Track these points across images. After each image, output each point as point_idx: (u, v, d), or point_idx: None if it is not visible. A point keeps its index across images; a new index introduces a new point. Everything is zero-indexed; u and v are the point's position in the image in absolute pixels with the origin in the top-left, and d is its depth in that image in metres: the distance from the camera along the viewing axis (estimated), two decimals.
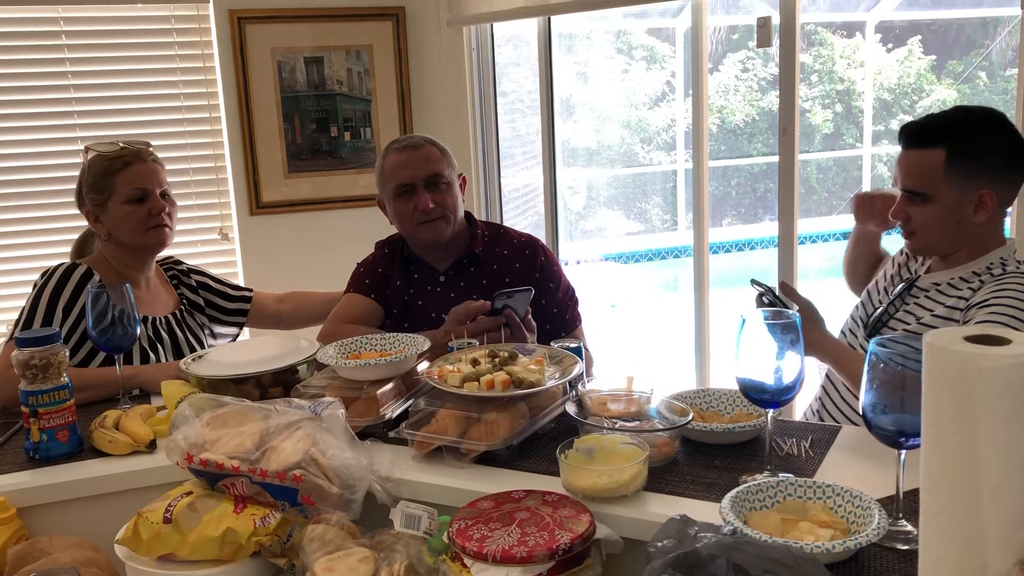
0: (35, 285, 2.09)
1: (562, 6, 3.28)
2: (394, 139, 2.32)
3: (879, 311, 1.88)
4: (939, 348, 0.93)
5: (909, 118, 1.85)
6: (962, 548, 0.94)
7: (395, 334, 1.88)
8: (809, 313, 1.77)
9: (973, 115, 1.79)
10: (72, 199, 2.23)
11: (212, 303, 2.36)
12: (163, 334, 2.18)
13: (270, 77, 3.50)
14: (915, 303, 1.83)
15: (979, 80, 10.02)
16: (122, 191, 2.13)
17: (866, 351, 1.17)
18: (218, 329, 2.37)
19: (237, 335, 2.44)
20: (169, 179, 2.24)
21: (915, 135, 1.78)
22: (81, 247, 2.32)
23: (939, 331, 0.96)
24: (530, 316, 2.02)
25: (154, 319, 2.19)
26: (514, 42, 4.23)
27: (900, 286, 1.88)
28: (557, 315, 2.28)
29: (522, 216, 4.32)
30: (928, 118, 1.80)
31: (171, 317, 2.24)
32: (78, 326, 2.04)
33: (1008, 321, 1.61)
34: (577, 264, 8.64)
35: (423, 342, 1.80)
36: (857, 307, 1.99)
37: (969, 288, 1.75)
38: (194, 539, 1.35)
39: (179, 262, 2.39)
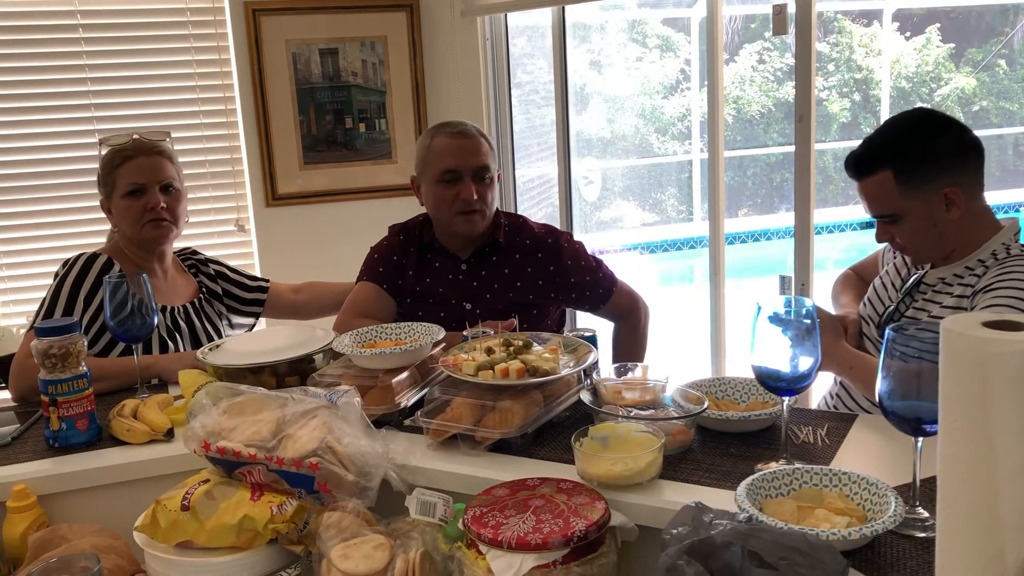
0: (56, 275, 2.11)
1: None
2: (442, 121, 2.26)
3: (890, 308, 1.87)
4: (956, 333, 0.92)
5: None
6: (979, 534, 0.93)
7: (410, 323, 1.88)
8: (830, 325, 1.77)
9: (904, 125, 1.80)
10: (87, 191, 2.26)
11: (229, 292, 2.37)
12: (181, 323, 2.20)
13: (285, 69, 3.51)
14: (924, 299, 1.83)
15: (999, 68, 9.92)
16: (121, 185, 2.14)
17: (877, 347, 1.17)
18: (235, 319, 2.39)
19: (253, 325, 2.45)
20: (186, 171, 2.24)
21: (858, 166, 1.79)
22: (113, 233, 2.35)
23: (956, 316, 0.96)
24: None
25: (172, 308, 2.20)
26: (528, 33, 4.22)
27: (909, 283, 1.87)
28: (603, 293, 2.32)
29: (537, 207, 4.32)
30: (864, 145, 1.80)
31: (189, 306, 2.25)
32: (99, 316, 2.06)
33: (1014, 304, 1.61)
34: (600, 255, 8.64)
35: (438, 331, 1.81)
36: (865, 303, 1.97)
37: (974, 275, 1.75)
38: (211, 526, 1.36)
39: (196, 252, 2.41)
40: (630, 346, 2.37)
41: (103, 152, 2.18)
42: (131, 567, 1.45)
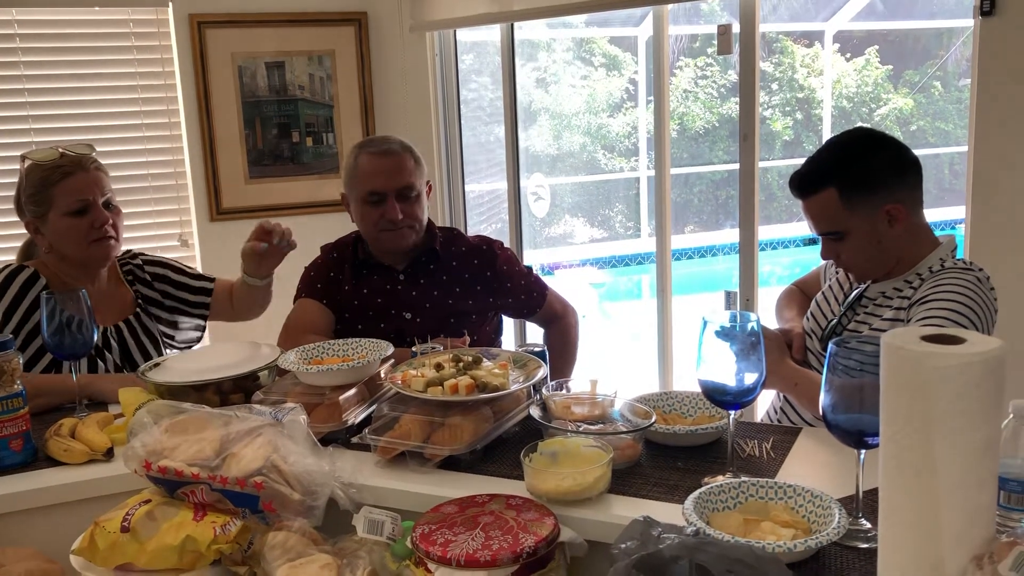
0: None
1: (525, 12, 3.29)
2: (368, 138, 2.29)
3: (833, 322, 1.91)
4: (896, 348, 0.94)
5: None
6: (920, 545, 0.95)
7: (358, 339, 1.87)
8: (774, 343, 1.80)
9: (846, 144, 1.84)
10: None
11: (171, 294, 2.25)
12: (112, 343, 2.12)
13: (231, 82, 3.47)
14: (865, 312, 1.87)
15: (934, 89, 10.22)
16: (62, 203, 2.03)
17: (821, 360, 1.19)
18: (183, 320, 2.28)
19: (203, 327, 2.34)
20: (128, 185, 2.19)
21: (803, 185, 1.83)
22: (28, 250, 2.25)
23: (896, 331, 0.98)
24: None
25: (105, 329, 2.12)
26: (476, 50, 4.24)
27: (850, 297, 1.91)
28: (537, 296, 2.36)
29: (486, 223, 4.32)
30: (807, 164, 1.84)
31: (123, 324, 2.17)
32: (21, 330, 2.00)
33: (946, 315, 1.65)
34: (552, 271, 8.70)
35: (386, 347, 1.79)
36: (808, 318, 2.01)
37: (911, 288, 1.79)
38: (153, 548, 1.32)
39: (136, 255, 2.28)
40: (563, 350, 2.40)
41: (27, 167, 2.06)
42: None
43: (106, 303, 2.17)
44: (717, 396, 1.37)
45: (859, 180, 1.77)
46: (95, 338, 1.80)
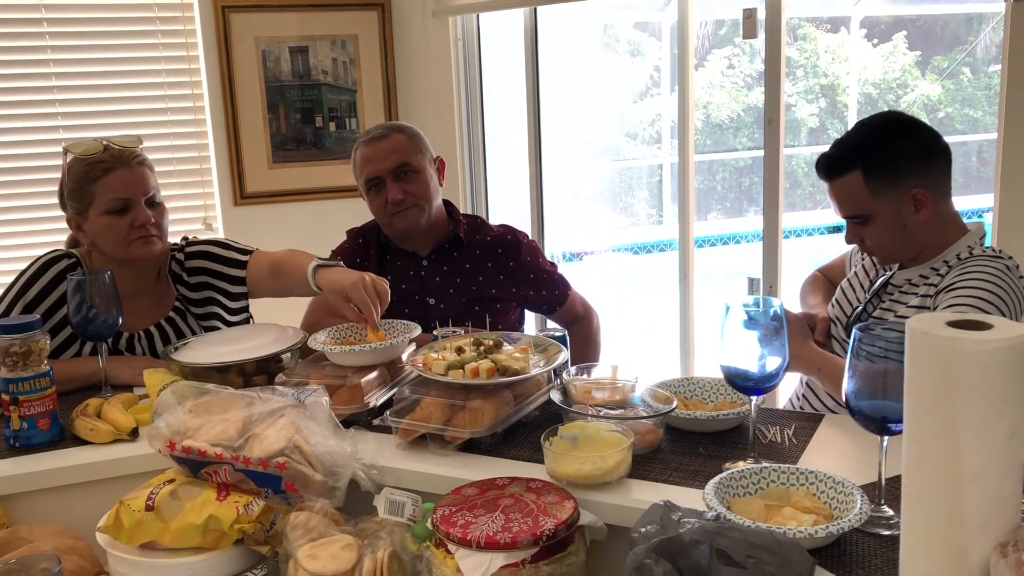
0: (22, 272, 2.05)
1: None
2: (366, 130, 2.31)
3: (858, 309, 1.89)
4: (922, 333, 0.93)
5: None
6: (943, 532, 0.95)
7: (386, 320, 1.87)
8: (798, 327, 1.78)
9: (874, 127, 1.82)
10: (51, 188, 2.13)
11: (214, 299, 2.17)
12: (137, 349, 2.07)
13: (254, 66, 3.48)
14: (891, 300, 1.85)
15: (963, 76, 10.08)
16: (102, 200, 1.95)
17: (846, 348, 1.18)
18: (223, 316, 2.20)
19: (247, 308, 2.24)
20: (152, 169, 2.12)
21: (828, 167, 1.81)
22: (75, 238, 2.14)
23: (922, 316, 0.97)
24: None
25: (129, 336, 2.06)
26: (498, 35, 4.22)
27: (876, 284, 1.89)
28: (559, 294, 2.36)
29: (508, 209, 4.31)
30: (835, 146, 1.82)
31: (154, 329, 2.09)
32: (52, 316, 1.99)
33: (974, 303, 1.63)
34: (579, 257, 8.69)
35: (414, 328, 1.80)
36: (833, 304, 2.00)
37: (938, 275, 1.78)
38: (176, 527, 1.34)
39: (182, 248, 2.16)
40: (582, 353, 2.39)
41: (69, 161, 1.99)
42: (93, 568, 1.42)
43: (144, 302, 2.09)
44: (739, 382, 1.36)
45: (885, 163, 1.75)
46: (120, 320, 1.81)
